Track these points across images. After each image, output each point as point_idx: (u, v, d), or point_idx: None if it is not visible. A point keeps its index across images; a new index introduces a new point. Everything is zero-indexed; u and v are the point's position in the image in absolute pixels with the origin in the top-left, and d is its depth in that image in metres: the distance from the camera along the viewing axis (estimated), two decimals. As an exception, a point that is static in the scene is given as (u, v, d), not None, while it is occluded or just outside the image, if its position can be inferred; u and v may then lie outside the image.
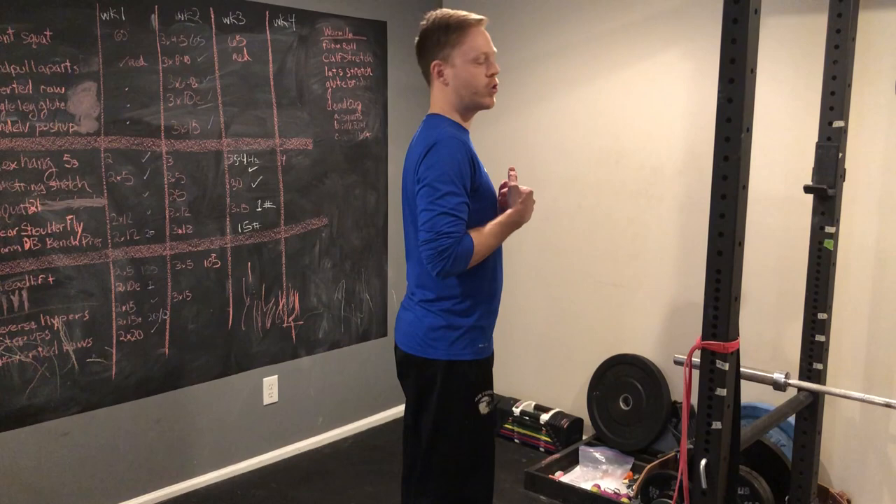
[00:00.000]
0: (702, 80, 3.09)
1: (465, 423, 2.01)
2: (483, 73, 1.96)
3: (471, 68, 1.95)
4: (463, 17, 1.97)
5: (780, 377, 2.18)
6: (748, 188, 1.74)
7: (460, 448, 2.03)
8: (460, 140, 1.92)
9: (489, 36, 2.01)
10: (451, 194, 1.84)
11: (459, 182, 1.86)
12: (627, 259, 3.40)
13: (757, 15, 1.66)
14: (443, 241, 1.82)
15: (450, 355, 1.97)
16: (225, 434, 3.25)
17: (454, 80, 1.97)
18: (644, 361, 3.30)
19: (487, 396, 2.03)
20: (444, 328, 1.97)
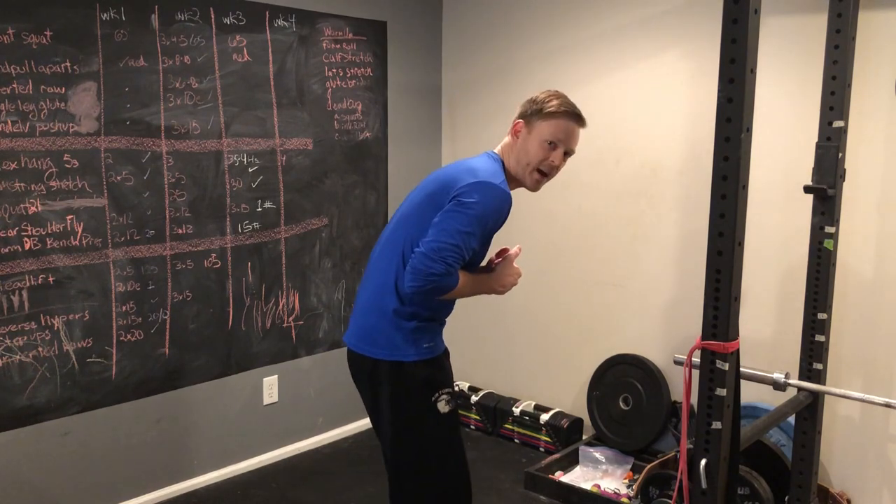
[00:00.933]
0: (702, 80, 3.09)
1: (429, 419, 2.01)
2: (545, 155, 1.98)
3: (538, 144, 1.98)
4: (571, 106, 2.01)
5: (780, 377, 2.18)
6: (748, 188, 1.73)
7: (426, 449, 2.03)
8: (508, 195, 1.96)
9: (578, 137, 2.03)
10: (473, 235, 1.88)
11: (483, 229, 1.91)
12: (627, 259, 3.40)
13: (757, 15, 1.66)
14: (438, 267, 1.84)
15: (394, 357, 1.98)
16: (225, 434, 3.25)
17: (521, 143, 2.01)
18: (644, 361, 3.30)
19: (447, 395, 2.01)
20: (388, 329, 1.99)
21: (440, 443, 2.04)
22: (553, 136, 1.97)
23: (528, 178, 2.01)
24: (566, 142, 2.00)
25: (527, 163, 1.99)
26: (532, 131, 1.99)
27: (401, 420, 2.03)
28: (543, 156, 1.98)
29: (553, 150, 1.98)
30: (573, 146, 2.02)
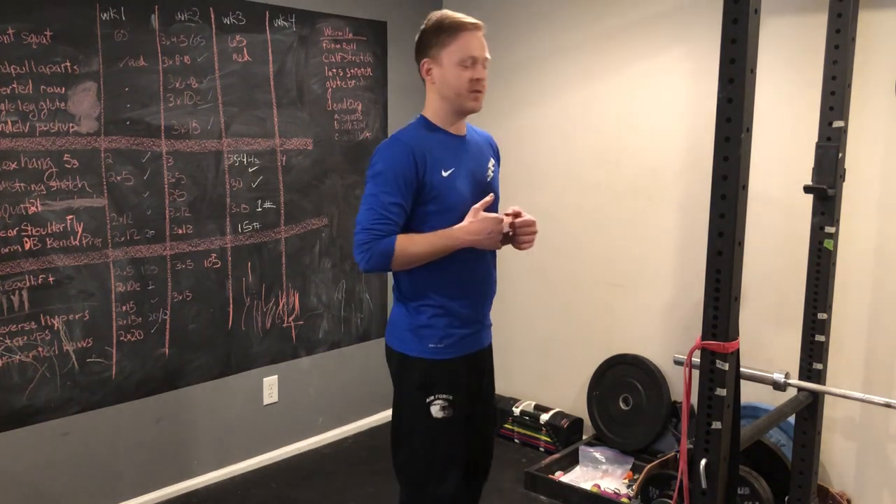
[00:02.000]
0: (702, 80, 3.09)
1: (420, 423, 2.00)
2: (468, 76, 1.94)
3: (455, 70, 1.94)
4: (457, 20, 1.96)
5: (780, 377, 2.18)
6: (748, 188, 1.74)
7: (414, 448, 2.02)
8: (402, 141, 1.95)
9: (484, 42, 1.99)
10: (385, 193, 1.91)
11: (394, 183, 1.90)
12: (627, 259, 3.40)
13: (757, 15, 1.66)
14: (362, 236, 1.91)
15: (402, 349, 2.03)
16: (225, 434, 3.25)
17: (439, 81, 1.97)
18: (644, 361, 3.30)
19: (442, 401, 1.99)
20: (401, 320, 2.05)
21: (430, 443, 2.02)
22: (464, 52, 1.93)
23: (469, 102, 1.97)
24: (480, 55, 1.96)
25: (457, 93, 1.95)
26: (441, 63, 1.95)
27: (399, 410, 2.08)
28: (468, 76, 1.94)
29: (472, 68, 1.94)
30: (486, 54, 1.98)
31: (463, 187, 1.98)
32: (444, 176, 1.96)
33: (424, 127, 2.01)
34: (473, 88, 1.95)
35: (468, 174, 2.01)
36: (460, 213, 1.97)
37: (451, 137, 2.02)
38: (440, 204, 1.96)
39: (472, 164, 2.03)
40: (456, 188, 1.97)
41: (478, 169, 2.05)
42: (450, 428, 2.01)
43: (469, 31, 1.95)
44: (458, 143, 2.03)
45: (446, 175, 1.96)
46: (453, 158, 1.99)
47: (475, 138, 2.11)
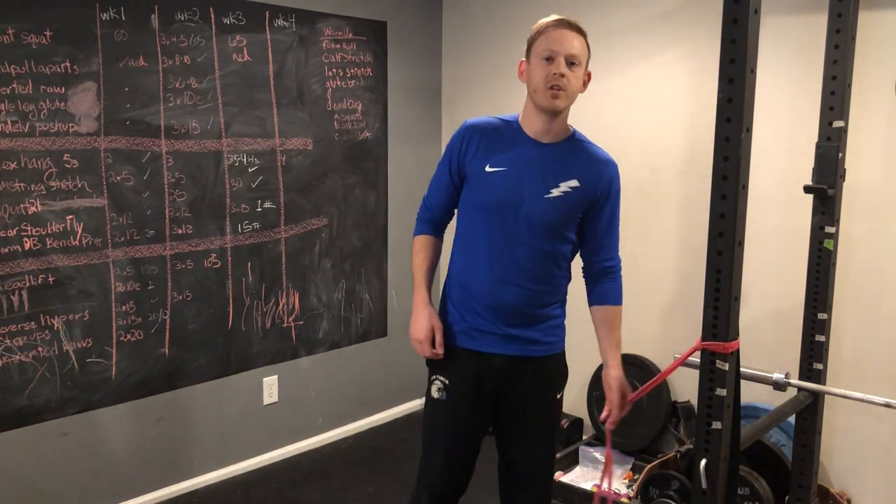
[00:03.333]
0: (702, 80, 3.09)
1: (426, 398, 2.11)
2: (546, 70, 1.88)
3: (537, 65, 1.91)
4: (548, 18, 1.95)
5: (780, 377, 2.18)
6: (748, 188, 1.74)
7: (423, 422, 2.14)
8: (467, 123, 2.01)
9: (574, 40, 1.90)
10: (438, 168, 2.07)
11: (446, 160, 2.03)
12: (627, 259, 3.37)
13: (757, 15, 1.66)
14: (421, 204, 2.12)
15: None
16: (225, 434, 3.25)
17: (528, 78, 1.95)
18: (644, 361, 3.30)
19: (440, 382, 2.04)
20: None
21: (426, 421, 2.13)
22: (545, 49, 1.90)
23: (544, 99, 1.89)
24: (561, 49, 1.88)
25: (535, 88, 1.91)
26: (531, 61, 1.94)
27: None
28: (545, 72, 1.88)
29: (551, 63, 1.89)
30: (572, 51, 1.88)
31: (506, 192, 1.93)
32: (487, 170, 1.94)
33: (507, 120, 2.01)
34: (550, 84, 1.87)
35: (520, 181, 1.93)
36: (496, 213, 1.94)
37: (526, 139, 1.96)
38: (473, 194, 1.98)
39: (533, 173, 1.93)
40: (494, 188, 1.94)
41: (538, 181, 1.93)
42: (442, 410, 2.05)
43: (553, 27, 1.92)
44: (529, 148, 1.95)
45: (490, 170, 1.94)
46: (511, 160, 1.94)
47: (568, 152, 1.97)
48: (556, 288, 2.06)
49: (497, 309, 1.99)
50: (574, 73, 1.90)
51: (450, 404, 2.04)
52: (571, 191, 1.95)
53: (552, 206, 1.94)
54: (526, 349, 2.02)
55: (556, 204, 1.94)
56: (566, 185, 1.95)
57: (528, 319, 2.01)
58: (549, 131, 1.95)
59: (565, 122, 1.98)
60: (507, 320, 1.99)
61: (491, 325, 2.00)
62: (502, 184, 1.93)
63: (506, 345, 2.01)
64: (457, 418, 2.06)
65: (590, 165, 1.98)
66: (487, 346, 2.02)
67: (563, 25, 1.92)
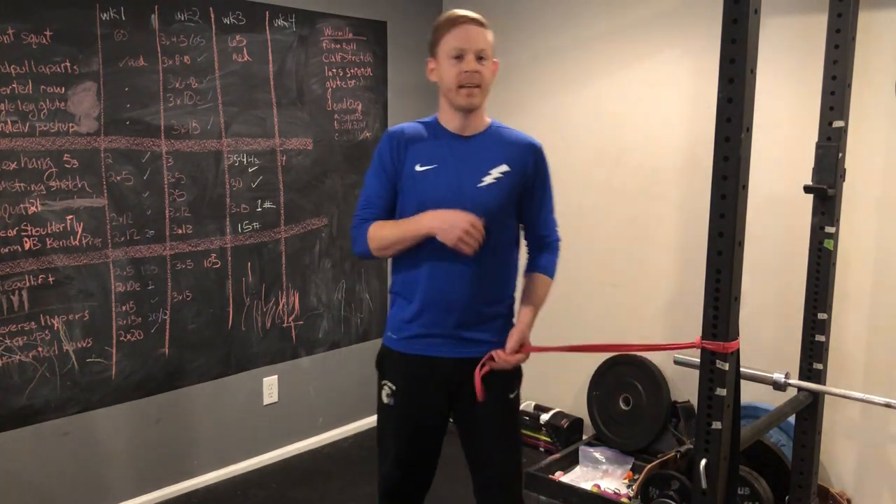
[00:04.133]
0: (702, 80, 3.09)
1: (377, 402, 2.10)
2: (457, 69, 1.89)
3: (447, 64, 1.92)
4: (453, 14, 1.94)
5: (780, 377, 2.18)
6: (748, 188, 1.74)
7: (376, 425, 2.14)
8: (391, 131, 2.01)
9: (481, 36, 1.92)
10: (368, 180, 2.04)
11: (377, 169, 2.00)
12: (627, 259, 3.40)
13: (757, 15, 1.66)
14: (352, 222, 2.04)
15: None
16: (225, 434, 3.25)
17: (438, 78, 1.97)
18: (644, 361, 3.30)
19: (388, 388, 2.04)
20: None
21: (378, 427, 2.12)
22: (453, 48, 1.90)
23: (459, 98, 1.92)
24: (469, 46, 1.89)
25: (448, 87, 1.93)
26: (438, 60, 1.95)
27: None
28: (456, 71, 1.89)
29: (461, 61, 1.90)
30: (480, 45, 1.90)
31: (439, 186, 1.95)
32: (418, 170, 1.96)
33: (429, 122, 2.03)
34: (462, 82, 1.90)
35: (452, 175, 1.96)
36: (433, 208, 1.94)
37: (449, 136, 1.99)
38: (410, 196, 1.97)
39: (462, 166, 1.97)
40: (428, 185, 1.95)
41: (469, 172, 1.97)
42: (392, 416, 2.06)
43: (461, 24, 1.91)
44: (454, 143, 1.98)
45: (420, 170, 1.96)
46: (438, 157, 1.96)
47: (492, 141, 2.01)
48: (503, 282, 2.06)
49: (445, 309, 1.97)
50: (485, 66, 1.93)
51: (398, 410, 2.04)
52: (503, 176, 1.99)
53: (487, 194, 1.96)
54: (476, 350, 2.00)
55: (490, 191, 1.97)
56: (497, 172, 1.99)
57: (478, 318, 2.01)
58: (469, 125, 2.00)
59: (483, 114, 2.02)
60: (456, 321, 1.98)
61: (439, 328, 1.98)
62: (435, 180, 1.96)
63: (455, 347, 2.00)
64: (406, 424, 2.05)
65: (516, 149, 2.02)
66: (436, 350, 2.00)
67: (468, 22, 1.93)
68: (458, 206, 1.91)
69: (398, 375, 2.04)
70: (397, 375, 2.04)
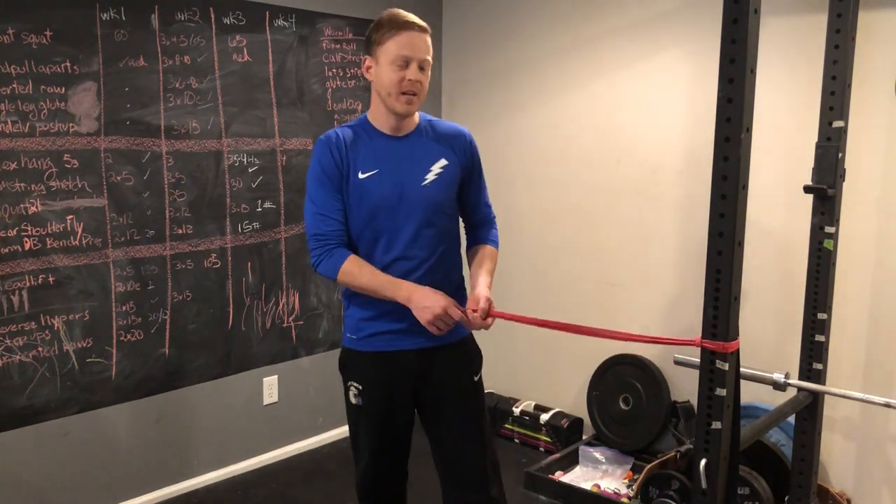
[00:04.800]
0: (702, 80, 3.09)
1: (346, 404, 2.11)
2: (399, 76, 1.89)
3: (388, 69, 1.91)
4: (398, 17, 1.92)
5: (779, 377, 2.18)
6: (748, 188, 1.73)
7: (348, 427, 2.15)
8: (326, 138, 1.98)
9: (424, 44, 1.92)
10: (317, 191, 1.96)
11: (325, 180, 1.95)
12: (627, 259, 3.40)
13: (757, 15, 1.66)
14: (311, 244, 1.97)
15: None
16: (225, 434, 3.25)
17: (376, 80, 1.96)
18: (644, 361, 3.30)
19: (354, 388, 2.05)
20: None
21: (350, 428, 2.14)
22: (399, 54, 1.89)
23: (398, 105, 1.92)
24: (415, 55, 1.90)
25: (388, 92, 1.92)
26: (378, 60, 1.94)
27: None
28: (398, 77, 1.89)
29: (405, 69, 1.90)
30: (425, 55, 1.92)
31: (384, 191, 1.95)
32: (361, 178, 1.95)
33: (359, 125, 2.02)
34: (403, 90, 1.90)
35: (395, 177, 1.96)
36: (383, 214, 1.95)
37: (384, 138, 1.99)
38: (356, 203, 1.97)
39: (404, 167, 1.97)
40: (373, 191, 1.95)
41: (411, 172, 1.98)
42: (362, 415, 2.07)
43: (407, 31, 1.91)
44: (390, 144, 1.98)
45: (363, 177, 1.95)
46: (378, 160, 1.96)
47: (427, 137, 2.03)
48: (455, 267, 2.09)
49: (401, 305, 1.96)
50: (426, 75, 1.95)
51: (367, 409, 2.06)
52: (443, 170, 2.02)
53: (432, 190, 1.99)
54: (434, 339, 2.02)
55: (434, 186, 2.00)
56: (437, 167, 2.02)
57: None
58: (403, 126, 2.01)
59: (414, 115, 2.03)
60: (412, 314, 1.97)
61: (396, 322, 2.00)
62: (380, 184, 1.96)
63: (413, 338, 2.01)
64: (375, 422, 2.06)
65: (450, 141, 2.05)
66: (394, 345, 2.02)
67: (415, 29, 1.92)
68: (407, 206, 1.95)
69: (362, 375, 2.05)
70: (361, 375, 2.05)
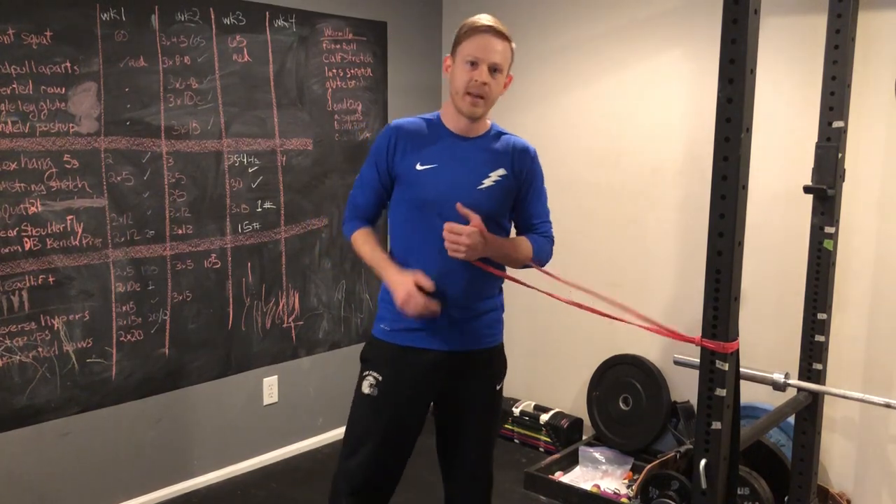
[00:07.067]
0: (702, 80, 3.09)
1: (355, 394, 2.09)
2: (468, 76, 1.93)
3: (460, 68, 1.96)
4: (477, 21, 1.97)
5: (779, 377, 2.18)
6: (748, 188, 1.74)
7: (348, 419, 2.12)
8: (392, 125, 2.04)
9: (498, 47, 1.95)
10: (364, 168, 2.08)
11: (372, 160, 2.05)
12: (627, 259, 3.40)
13: (757, 15, 1.66)
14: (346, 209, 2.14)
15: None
16: (225, 434, 3.25)
17: (451, 76, 2.00)
18: (644, 361, 3.30)
19: (372, 378, 2.04)
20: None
21: (352, 418, 2.09)
22: (470, 54, 1.93)
23: (463, 105, 1.96)
24: (485, 57, 1.93)
25: (456, 90, 1.97)
26: (455, 60, 1.98)
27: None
28: (467, 77, 1.93)
29: (475, 69, 1.94)
30: (496, 59, 1.94)
31: (440, 186, 1.98)
32: (419, 169, 1.99)
33: (429, 119, 2.06)
34: (469, 90, 1.94)
35: (452, 175, 1.99)
36: (432, 209, 1.97)
37: (450, 135, 2.02)
38: (408, 193, 2.00)
39: (463, 168, 2.00)
40: (428, 184, 1.98)
41: (469, 174, 2.00)
42: (372, 406, 2.04)
43: (482, 33, 1.95)
44: (457, 142, 2.01)
45: (421, 169, 1.99)
46: (440, 156, 1.99)
47: (492, 144, 2.05)
48: (495, 278, 2.11)
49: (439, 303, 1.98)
50: (496, 80, 1.97)
51: (381, 401, 2.03)
52: (502, 179, 2.03)
53: (486, 196, 2.01)
54: (467, 343, 2.04)
55: (489, 193, 2.01)
56: (496, 175, 2.03)
57: (470, 313, 2.04)
58: (471, 128, 2.03)
59: (484, 116, 2.05)
60: (450, 315, 2.00)
61: (431, 321, 2.00)
62: (435, 179, 1.98)
63: (447, 340, 2.02)
64: (387, 417, 2.04)
65: (513, 154, 2.07)
66: (427, 343, 2.02)
67: (490, 32, 1.95)
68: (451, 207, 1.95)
69: (386, 366, 2.04)
70: (384, 366, 2.04)
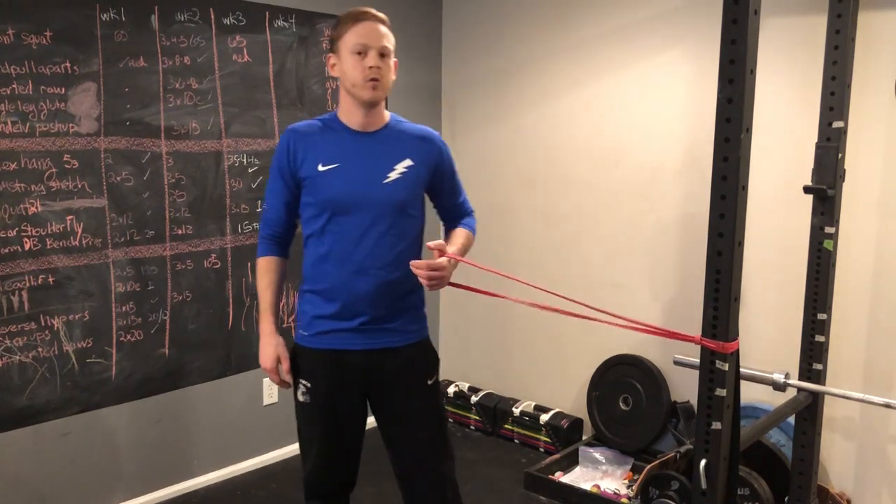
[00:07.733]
0: (702, 80, 3.09)
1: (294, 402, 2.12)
2: (361, 64, 1.92)
3: (350, 60, 1.94)
4: (352, 11, 1.97)
5: (779, 377, 2.18)
6: (748, 188, 1.74)
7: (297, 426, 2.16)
8: (287, 132, 2.03)
9: (382, 32, 1.96)
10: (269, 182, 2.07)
11: (275, 171, 2.04)
12: (627, 259, 3.40)
13: (757, 15, 1.66)
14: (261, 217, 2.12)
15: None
16: (225, 434, 3.25)
17: (341, 74, 1.99)
18: (644, 361, 3.30)
19: (303, 385, 2.07)
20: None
21: (298, 425, 2.15)
22: (357, 43, 1.92)
23: (364, 93, 1.94)
24: (373, 43, 1.93)
25: (353, 83, 1.95)
26: (340, 55, 1.97)
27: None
28: (361, 67, 1.93)
29: (365, 57, 1.93)
30: (383, 42, 1.94)
31: (346, 185, 1.97)
32: (321, 170, 1.98)
33: (324, 119, 2.05)
34: (368, 77, 1.92)
35: (356, 172, 1.98)
36: (341, 208, 1.97)
37: (350, 133, 2.01)
38: (314, 195, 1.99)
39: (367, 163, 1.99)
40: (333, 184, 1.97)
41: (373, 169, 2.00)
42: (310, 413, 2.08)
43: (363, 21, 1.95)
44: (357, 138, 2.01)
45: (323, 169, 1.98)
46: (342, 154, 1.98)
47: (393, 136, 2.05)
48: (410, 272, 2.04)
49: (354, 303, 1.98)
50: (386, 63, 1.97)
51: (315, 407, 2.07)
52: (408, 170, 2.03)
53: (393, 189, 2.00)
54: (385, 340, 2.03)
55: (396, 186, 2.01)
56: (401, 167, 2.03)
57: (387, 310, 2.02)
58: (370, 122, 2.02)
59: (383, 110, 2.05)
60: (370, 313, 2.00)
61: (347, 321, 2.00)
62: (339, 178, 1.98)
63: (365, 339, 2.02)
64: (323, 420, 2.07)
65: (417, 143, 2.07)
66: (345, 344, 2.02)
67: (371, 19, 1.96)
68: (366, 202, 1.96)
69: (312, 372, 2.05)
70: (311, 372, 2.05)
